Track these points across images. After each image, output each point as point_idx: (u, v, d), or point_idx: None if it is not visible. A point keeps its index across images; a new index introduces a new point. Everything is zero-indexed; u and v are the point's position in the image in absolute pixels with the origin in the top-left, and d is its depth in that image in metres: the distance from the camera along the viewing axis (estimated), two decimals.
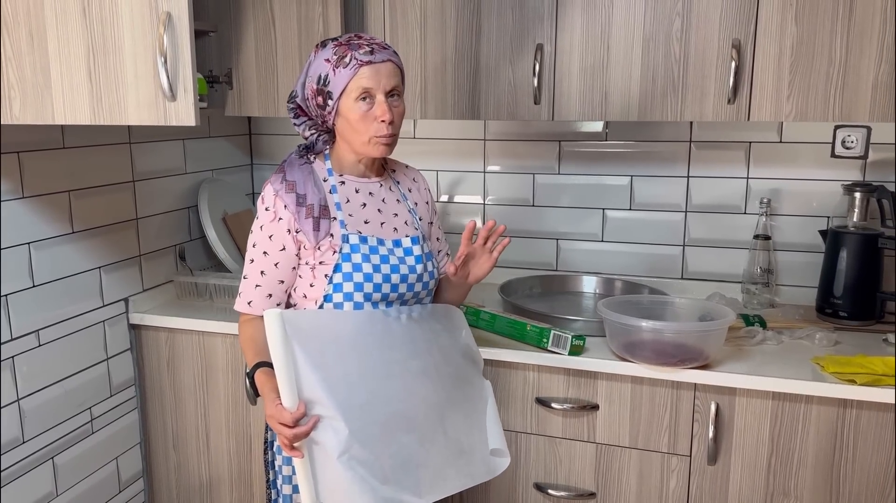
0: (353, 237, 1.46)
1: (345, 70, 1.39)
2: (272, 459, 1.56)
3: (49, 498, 1.88)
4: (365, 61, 1.39)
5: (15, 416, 1.78)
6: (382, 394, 1.40)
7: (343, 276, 1.44)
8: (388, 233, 1.52)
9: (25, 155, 1.75)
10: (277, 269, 1.47)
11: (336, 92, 1.41)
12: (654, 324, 1.71)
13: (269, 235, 1.46)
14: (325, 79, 1.42)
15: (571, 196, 2.39)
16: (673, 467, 1.79)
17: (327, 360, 1.36)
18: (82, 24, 1.42)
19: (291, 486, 1.52)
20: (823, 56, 1.75)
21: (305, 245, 1.45)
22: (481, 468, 1.51)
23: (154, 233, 2.21)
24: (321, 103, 1.44)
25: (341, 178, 1.51)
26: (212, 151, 2.46)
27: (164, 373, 2.16)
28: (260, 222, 1.47)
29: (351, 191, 1.51)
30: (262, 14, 2.05)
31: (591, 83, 1.93)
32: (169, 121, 1.41)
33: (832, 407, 1.65)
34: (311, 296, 1.48)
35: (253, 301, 1.49)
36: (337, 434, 1.34)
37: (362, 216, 1.50)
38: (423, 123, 2.47)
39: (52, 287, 1.86)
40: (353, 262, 1.44)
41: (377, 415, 1.38)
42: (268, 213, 1.46)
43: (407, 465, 1.40)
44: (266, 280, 1.48)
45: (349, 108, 1.41)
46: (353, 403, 1.36)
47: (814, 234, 2.16)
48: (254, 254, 1.48)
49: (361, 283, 1.44)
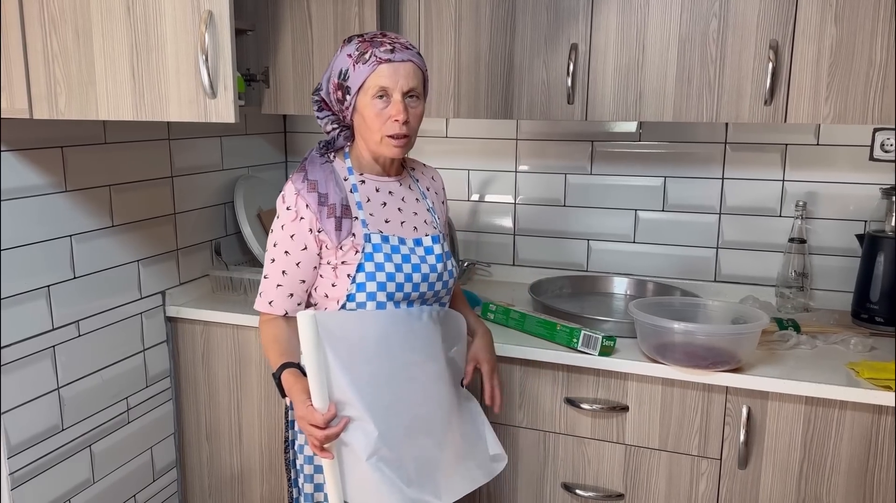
0: (374, 236, 1.46)
1: (364, 66, 1.40)
2: (293, 458, 1.57)
3: (86, 485, 1.93)
4: (384, 59, 1.39)
5: (55, 404, 1.82)
6: (405, 397, 1.43)
7: (366, 276, 1.44)
8: (409, 232, 1.52)
9: (69, 149, 1.80)
10: (299, 269, 1.47)
11: (354, 87, 1.42)
12: (686, 325, 1.70)
13: (290, 235, 1.46)
14: (345, 73, 1.42)
15: (603, 196, 2.38)
16: (703, 470, 1.78)
17: (356, 362, 1.38)
18: (126, 22, 1.45)
19: (313, 485, 1.54)
20: (863, 58, 1.73)
21: (327, 245, 1.45)
22: (483, 471, 1.57)
23: (191, 228, 2.25)
24: (341, 98, 1.45)
25: (361, 176, 1.51)
26: (248, 148, 2.49)
27: (199, 366, 2.20)
28: (281, 221, 1.47)
29: (371, 189, 1.51)
30: (300, 13, 2.08)
31: (626, 83, 1.92)
32: (209, 117, 1.44)
33: (867, 413, 1.63)
34: (332, 295, 1.48)
35: (274, 301, 1.49)
36: (367, 436, 1.36)
37: (383, 215, 1.50)
38: (454, 122, 2.48)
39: (92, 279, 1.91)
40: (375, 262, 1.44)
41: (402, 418, 1.42)
42: (289, 213, 1.45)
43: (427, 468, 1.44)
44: (287, 279, 1.48)
45: (365, 104, 1.42)
46: (380, 405, 1.39)
47: (850, 239, 2.13)
48: (275, 253, 1.47)
49: (385, 283, 1.44)
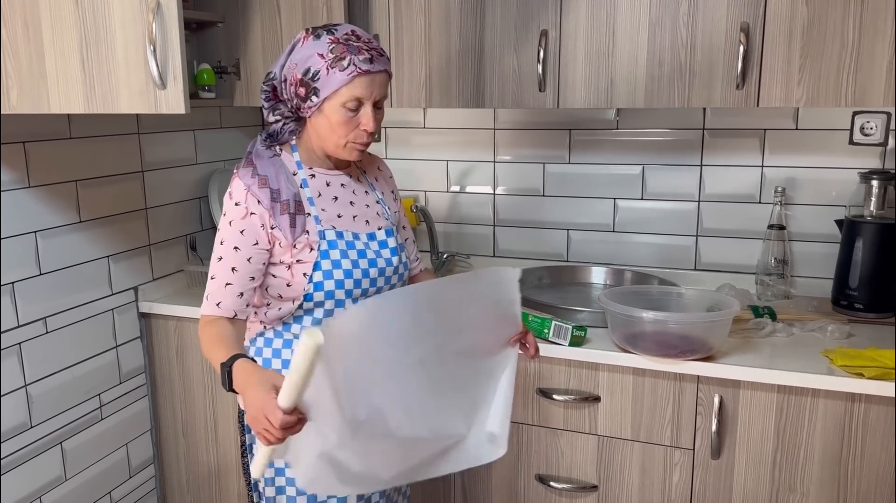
0: (329, 233, 1.42)
1: (340, 73, 1.32)
2: (251, 462, 1.46)
3: (58, 481, 1.92)
4: (363, 70, 1.33)
5: (23, 402, 1.81)
6: (380, 408, 1.27)
7: (324, 275, 1.40)
8: (361, 226, 1.49)
9: (31, 145, 1.78)
10: (250, 265, 1.39)
11: (325, 92, 1.34)
12: (656, 314, 1.67)
13: (240, 230, 1.38)
14: (315, 74, 1.34)
15: (582, 185, 2.35)
16: (676, 461, 1.75)
17: (339, 378, 1.20)
18: (75, 14, 1.43)
19: (274, 488, 1.48)
20: (836, 39, 1.69)
21: (281, 243, 1.39)
22: (470, 454, 1.41)
23: (164, 222, 2.23)
24: (303, 95, 1.37)
25: (311, 171, 1.46)
26: (223, 142, 2.47)
27: (174, 362, 2.19)
28: (229, 218, 1.38)
29: (322, 184, 1.46)
30: (268, 4, 2.05)
31: (597, 69, 1.89)
32: (160, 109, 1.42)
33: (840, 401, 1.60)
34: (287, 295, 1.43)
35: (223, 302, 1.39)
36: (324, 440, 1.23)
37: (335, 210, 1.46)
38: (432, 113, 2.45)
39: (59, 275, 1.89)
40: (332, 259, 1.41)
41: (370, 432, 1.26)
42: (238, 209, 1.37)
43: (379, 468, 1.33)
44: (237, 277, 1.38)
45: (333, 110, 1.35)
46: (352, 420, 1.23)
47: (830, 224, 2.09)
48: (222, 251, 1.39)
49: (343, 280, 1.41)
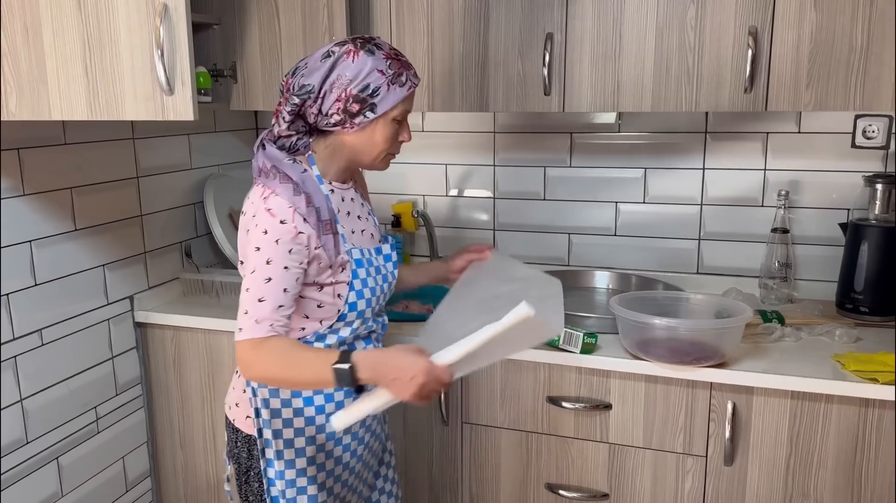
0: (355, 251, 1.39)
1: (400, 89, 1.34)
2: (267, 487, 1.42)
3: (55, 498, 1.86)
4: (416, 84, 1.36)
5: (18, 417, 1.75)
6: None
7: (357, 294, 1.38)
8: (368, 240, 1.47)
9: (25, 152, 1.72)
10: (297, 285, 1.32)
11: (383, 108, 1.33)
12: (669, 321, 1.66)
13: (288, 250, 1.29)
14: (375, 90, 1.31)
15: (583, 189, 2.34)
16: (688, 468, 1.74)
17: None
18: (77, 17, 1.38)
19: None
20: (844, 43, 1.69)
21: (321, 263, 1.34)
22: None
23: (159, 229, 2.18)
24: (355, 111, 1.32)
25: (331, 185, 1.42)
26: (218, 146, 2.42)
27: (171, 372, 2.14)
28: (274, 236, 1.28)
29: (339, 199, 1.43)
30: (266, 5, 2.01)
31: (603, 73, 1.87)
32: (167, 115, 1.38)
33: (853, 406, 1.60)
34: (315, 316, 1.38)
35: (275, 324, 1.29)
36: None
37: (350, 226, 1.43)
38: (431, 116, 2.42)
39: (54, 286, 1.83)
40: (360, 278, 1.38)
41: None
42: (284, 227, 1.29)
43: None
44: (288, 298, 1.30)
45: (386, 124, 1.36)
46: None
47: (833, 227, 2.09)
48: (272, 271, 1.28)
49: (370, 299, 1.40)
